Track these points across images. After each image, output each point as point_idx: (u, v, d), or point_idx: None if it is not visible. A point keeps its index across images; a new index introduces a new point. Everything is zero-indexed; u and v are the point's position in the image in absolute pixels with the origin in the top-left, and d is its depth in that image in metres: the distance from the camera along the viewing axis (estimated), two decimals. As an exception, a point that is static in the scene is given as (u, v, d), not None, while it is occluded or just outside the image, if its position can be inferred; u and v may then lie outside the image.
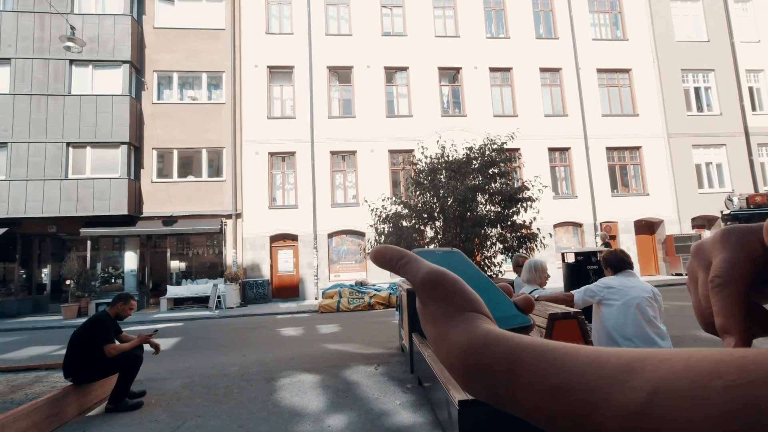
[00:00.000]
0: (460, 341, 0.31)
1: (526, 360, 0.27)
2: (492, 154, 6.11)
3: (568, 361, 0.25)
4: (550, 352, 0.26)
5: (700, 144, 17.22)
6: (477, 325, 0.32)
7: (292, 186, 15.49)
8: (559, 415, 0.24)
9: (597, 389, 0.22)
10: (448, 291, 0.34)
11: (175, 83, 15.39)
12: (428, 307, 0.35)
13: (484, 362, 0.29)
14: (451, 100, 16.79)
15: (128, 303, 4.52)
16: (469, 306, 0.34)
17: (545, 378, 0.25)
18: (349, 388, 4.73)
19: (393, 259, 0.37)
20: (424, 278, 0.35)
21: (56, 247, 14.89)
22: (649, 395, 0.20)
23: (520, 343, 0.28)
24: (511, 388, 0.27)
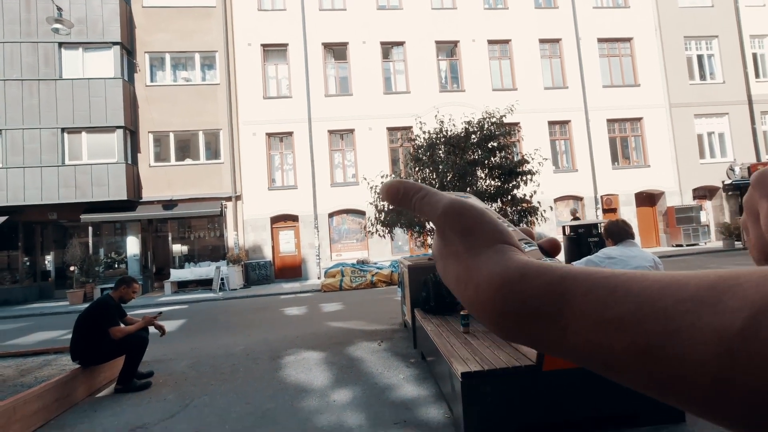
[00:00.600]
0: (491, 276, 0.26)
1: (579, 289, 0.23)
2: (491, 127, 6.03)
3: (635, 287, 0.21)
4: (611, 278, 0.22)
5: (702, 113, 16.99)
6: (511, 256, 0.27)
7: (291, 166, 15.40)
8: (624, 350, 0.20)
9: (677, 315, 0.19)
10: (474, 222, 0.30)
11: (168, 64, 15.11)
12: (450, 243, 0.30)
13: (523, 296, 0.25)
14: (449, 75, 16.50)
15: (131, 286, 4.54)
16: (499, 237, 0.29)
17: (606, 307, 0.21)
18: (353, 364, 4.80)
19: (408, 193, 0.33)
20: (446, 209, 0.30)
21: (58, 233, 14.92)
22: (754, 314, 0.17)
23: (570, 271, 0.24)
24: (559, 324, 0.23)
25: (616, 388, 2.90)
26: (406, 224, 6.08)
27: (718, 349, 0.17)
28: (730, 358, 0.17)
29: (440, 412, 3.39)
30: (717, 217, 16.94)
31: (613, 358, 0.21)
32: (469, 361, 3.00)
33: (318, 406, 3.69)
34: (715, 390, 0.17)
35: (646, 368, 0.20)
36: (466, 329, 3.78)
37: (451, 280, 0.30)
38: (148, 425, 3.54)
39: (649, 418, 2.92)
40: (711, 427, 2.87)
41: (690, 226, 15.73)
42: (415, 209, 0.33)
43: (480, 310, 0.27)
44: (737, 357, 0.17)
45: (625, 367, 0.21)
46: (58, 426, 3.69)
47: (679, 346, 0.18)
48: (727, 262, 11.69)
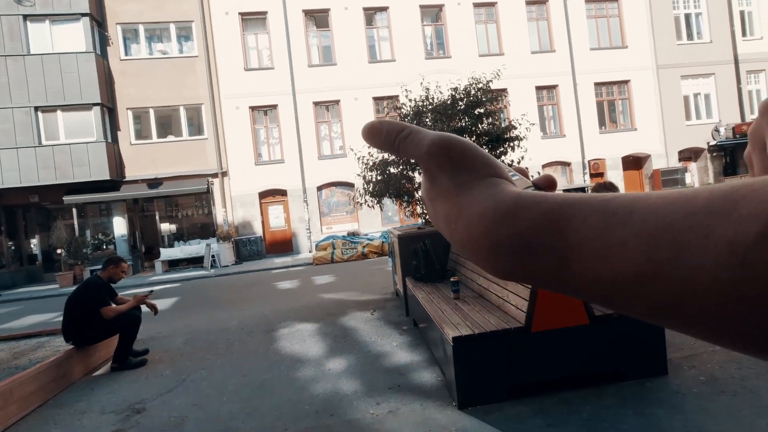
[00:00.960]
0: (482, 210, 0.25)
1: (578, 215, 0.21)
2: (478, 94, 5.94)
3: (639, 206, 0.19)
4: (612, 201, 0.20)
5: (689, 74, 16.94)
6: (502, 189, 0.25)
7: (277, 140, 15.13)
8: (627, 275, 0.18)
9: (685, 229, 0.17)
10: (461, 157, 0.28)
11: (142, 36, 14.47)
12: (438, 180, 0.28)
13: (518, 228, 0.23)
14: (435, 41, 16.10)
15: (119, 266, 4.50)
16: (490, 171, 0.27)
17: (607, 230, 0.19)
18: (347, 334, 4.89)
19: (391, 133, 0.30)
20: (431, 146, 0.28)
21: (41, 216, 14.63)
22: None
23: (567, 198, 0.22)
24: (557, 254, 0.21)
25: (600, 346, 3.00)
26: (395, 194, 6.07)
27: (731, 261, 0.16)
28: (745, 269, 0.15)
29: (433, 376, 3.49)
30: (701, 178, 17.20)
31: (616, 285, 0.19)
32: (459, 326, 3.06)
33: (314, 376, 3.77)
34: (727, 308, 0.16)
35: (652, 291, 0.18)
36: (456, 295, 3.85)
37: (441, 221, 0.28)
38: (146, 401, 3.59)
39: (633, 373, 3.04)
40: (694, 377, 3.00)
41: (675, 188, 15.88)
42: (398, 150, 0.31)
43: (472, 249, 0.25)
44: (752, 268, 0.15)
45: (630, 294, 0.19)
46: (57, 405, 3.73)
47: (688, 263, 0.17)
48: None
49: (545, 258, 0.22)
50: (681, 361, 3.30)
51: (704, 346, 3.54)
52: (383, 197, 6.21)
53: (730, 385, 2.86)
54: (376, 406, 3.06)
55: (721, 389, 2.82)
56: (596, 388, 2.96)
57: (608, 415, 2.63)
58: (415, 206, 6.29)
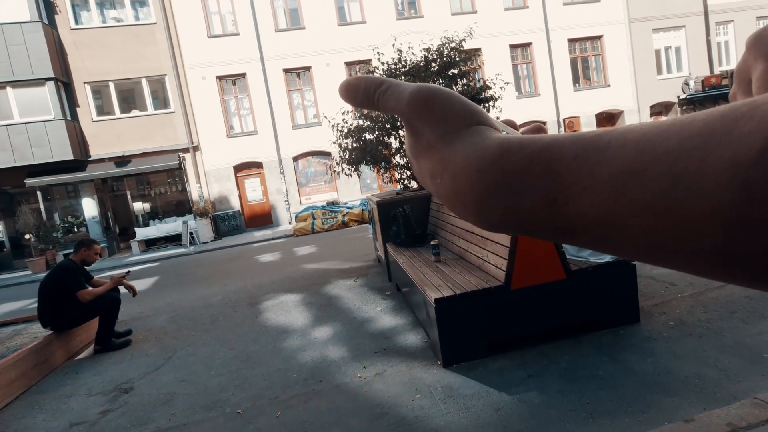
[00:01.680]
0: (467, 158, 0.23)
1: (568, 154, 0.19)
2: (451, 54, 5.81)
3: (632, 137, 0.18)
4: (603, 135, 0.19)
5: (660, 27, 16.96)
6: (488, 135, 0.24)
7: (248, 111, 14.62)
8: (622, 212, 0.17)
9: (682, 155, 0.16)
10: (444, 106, 0.26)
11: (93, 3, 13.45)
12: (421, 133, 0.26)
13: (505, 174, 0.21)
14: (406, 1, 15.54)
15: (92, 248, 4.37)
16: (473, 119, 0.25)
17: (599, 166, 0.18)
18: (332, 302, 4.93)
19: (369, 88, 0.28)
20: (411, 97, 0.26)
21: (4, 202, 13.94)
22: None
23: (554, 138, 0.21)
24: (547, 197, 0.20)
25: (576, 299, 3.12)
26: (372, 161, 6.00)
27: (732, 183, 0.14)
28: (747, 190, 0.14)
29: (418, 337, 3.57)
30: (671, 132, 17.55)
31: (609, 225, 0.18)
32: (441, 288, 3.12)
33: (300, 345, 3.82)
34: (729, 236, 0.15)
35: (650, 226, 0.17)
36: (437, 258, 3.90)
37: (426, 176, 0.26)
38: (134, 380, 3.58)
39: (608, 323, 3.18)
40: (664, 323, 3.17)
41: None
42: (378, 106, 0.28)
43: (459, 202, 0.24)
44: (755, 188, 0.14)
45: (625, 232, 0.18)
46: (41, 390, 3.69)
47: (686, 191, 0.15)
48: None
49: (536, 202, 0.21)
50: (652, 308, 3.46)
51: (673, 293, 3.72)
52: (360, 164, 6.13)
53: (696, 328, 3.03)
54: (363, 370, 3.13)
55: (689, 332, 2.99)
56: (574, 339, 3.09)
57: (585, 363, 2.76)
58: (393, 172, 6.24)
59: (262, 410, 2.78)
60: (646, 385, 2.43)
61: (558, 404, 2.38)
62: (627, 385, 2.46)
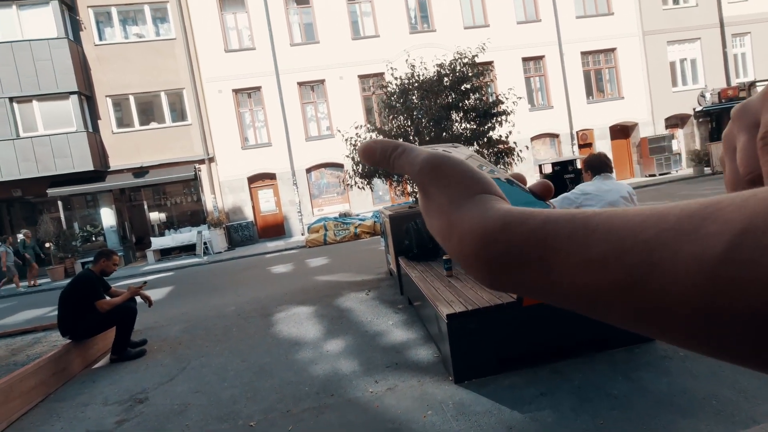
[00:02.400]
0: (473, 227, 0.26)
1: (562, 232, 0.22)
2: (464, 69, 5.87)
3: (617, 223, 0.20)
4: (592, 217, 0.22)
5: (675, 40, 16.87)
6: (491, 206, 0.27)
7: (263, 123, 14.89)
8: (607, 288, 0.20)
9: (659, 245, 0.18)
10: (452, 174, 0.30)
11: (116, 20, 13.94)
12: (432, 197, 0.30)
13: (506, 245, 0.24)
14: (419, 15, 15.76)
15: (111, 258, 4.48)
16: (479, 188, 0.29)
17: (588, 245, 0.21)
18: (343, 315, 4.95)
19: (386, 151, 0.32)
20: (423, 164, 0.30)
21: (27, 211, 14.37)
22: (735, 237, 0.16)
23: (551, 215, 0.24)
24: (543, 269, 0.23)
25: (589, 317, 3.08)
26: (384, 174, 6.05)
27: (699, 277, 0.17)
28: (712, 284, 0.16)
29: (429, 352, 3.57)
30: (688, 144, 17.36)
31: (596, 297, 0.21)
32: (453, 303, 3.12)
33: (312, 357, 3.84)
34: (697, 319, 0.17)
35: (630, 304, 0.19)
36: (449, 273, 3.90)
37: (437, 235, 0.30)
38: (148, 390, 3.64)
39: (622, 340, 3.14)
40: (677, 342, 3.11)
41: (662, 155, 16.12)
42: (393, 168, 0.32)
43: (465, 263, 0.27)
44: (718, 283, 0.16)
45: (610, 305, 0.20)
46: (59, 399, 3.76)
47: (661, 278, 0.18)
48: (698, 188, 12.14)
49: (533, 273, 0.23)
50: (667, 326, 3.40)
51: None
52: (373, 178, 6.19)
53: (713, 347, 2.97)
54: (375, 384, 3.14)
55: (706, 351, 2.93)
56: (587, 356, 3.06)
57: (599, 381, 2.73)
58: (405, 185, 6.29)
59: (274, 423, 2.80)
60: (662, 405, 2.39)
61: (571, 423, 2.35)
62: (641, 405, 2.42)
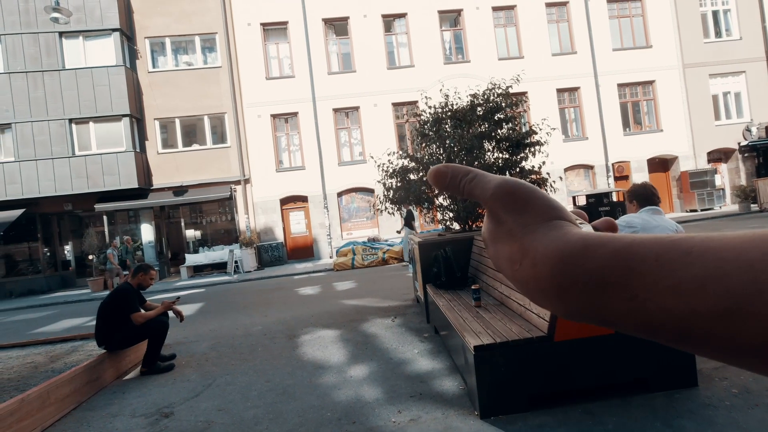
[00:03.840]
0: (549, 249, 0.25)
1: (649, 255, 0.21)
2: (497, 99, 5.92)
3: (712, 245, 0.19)
4: (684, 240, 0.20)
5: (718, 73, 16.41)
6: (569, 230, 0.26)
7: (298, 147, 15.36)
8: (704, 314, 0.18)
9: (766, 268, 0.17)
10: (527, 200, 0.29)
11: (169, 49, 14.98)
12: (503, 222, 0.29)
13: (587, 267, 0.23)
14: (454, 46, 16.09)
15: (148, 273, 4.66)
16: (554, 213, 0.28)
17: (681, 268, 0.19)
18: (368, 341, 4.91)
19: (457, 176, 0.32)
20: (497, 189, 0.30)
21: (74, 223, 15.24)
22: None
23: (635, 239, 0.22)
24: (628, 293, 0.21)
25: (626, 355, 2.94)
26: (415, 201, 6.09)
27: None
28: None
29: (454, 384, 3.47)
30: (733, 179, 16.59)
31: (691, 325, 0.19)
32: (481, 335, 3.05)
33: (336, 382, 3.81)
34: None
35: (732, 330, 0.18)
36: (477, 303, 3.83)
37: (504, 261, 0.29)
38: (174, 405, 3.70)
39: (661, 384, 2.96)
40: (725, 389, 2.91)
41: (704, 190, 15.45)
42: (464, 192, 0.32)
43: (537, 288, 0.26)
44: None
45: (707, 333, 0.19)
46: (90, 408, 3.88)
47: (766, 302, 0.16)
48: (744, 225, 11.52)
49: (617, 297, 0.22)
50: (712, 372, 3.20)
51: (737, 356, 3.41)
52: (403, 204, 6.23)
53: (764, 398, 2.76)
54: (398, 414, 3.07)
55: (756, 402, 2.73)
56: (622, 399, 2.89)
57: (635, 427, 2.57)
58: (435, 212, 6.29)
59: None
60: (706, 459, 2.22)
61: (605, 471, 2.22)
62: (683, 457, 2.26)
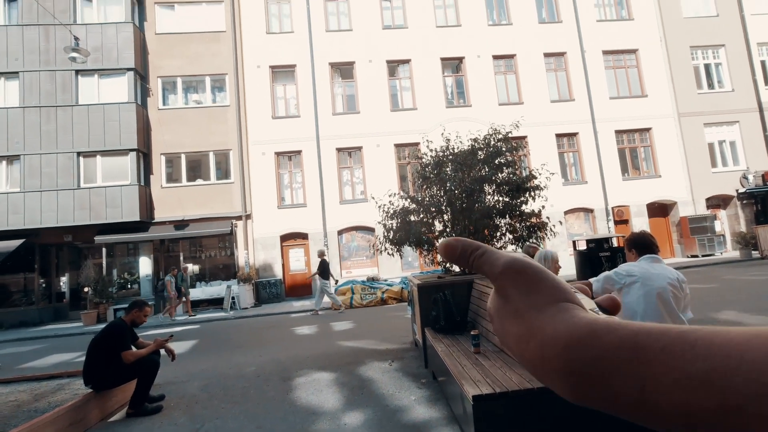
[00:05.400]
0: (557, 334, 0.26)
1: (656, 345, 0.21)
2: (497, 144, 6.06)
3: (717, 340, 0.19)
4: (689, 333, 0.21)
5: (712, 122, 16.85)
6: (576, 314, 0.27)
7: (300, 185, 15.54)
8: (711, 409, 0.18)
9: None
10: (535, 280, 0.29)
11: (180, 88, 15.50)
12: (510, 300, 0.30)
13: (594, 353, 0.23)
14: (455, 91, 16.64)
15: (143, 310, 4.59)
16: (561, 295, 0.29)
17: (688, 362, 0.20)
18: (365, 385, 4.76)
19: (467, 251, 0.33)
20: (506, 267, 0.30)
21: (73, 255, 15.17)
22: None
23: (642, 327, 0.23)
24: (634, 382, 0.21)
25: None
26: (415, 243, 6.08)
27: None
28: None
29: (453, 435, 3.33)
30: (733, 226, 16.63)
31: (697, 420, 0.19)
32: (480, 383, 2.96)
33: (330, 430, 3.66)
34: None
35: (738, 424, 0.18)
36: (476, 349, 3.74)
37: (511, 339, 0.30)
38: (160, 451, 3.53)
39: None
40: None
41: (704, 236, 15.45)
42: (473, 266, 0.33)
43: (544, 370, 0.26)
44: None
45: (715, 425, 0.19)
46: (72, 452, 3.70)
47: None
48: (745, 272, 11.42)
49: (623, 385, 0.22)
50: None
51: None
52: (403, 245, 6.23)
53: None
54: (393, 468, 2.92)
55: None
56: (628, 457, 2.76)
57: (643, 490, 2.44)
58: (435, 254, 6.27)
59: (284, 502, 2.63)
60: None
61: None
62: None
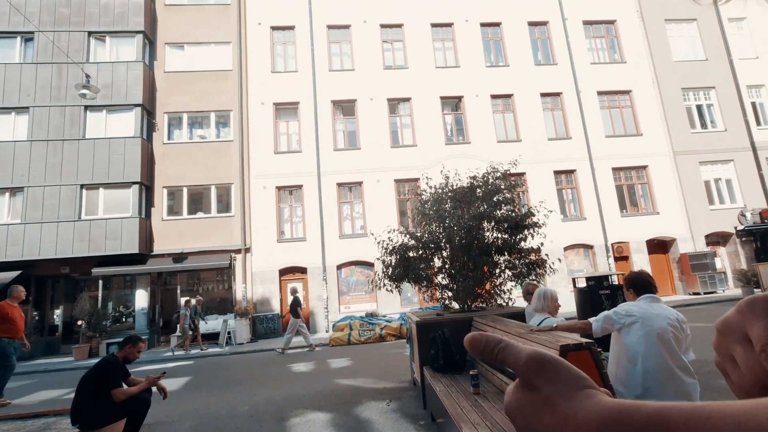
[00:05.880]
0: (589, 416, 0.29)
1: (678, 419, 0.25)
2: (496, 182, 6.15)
3: (729, 411, 0.23)
4: (704, 407, 0.24)
5: (707, 160, 17.12)
6: (601, 398, 0.30)
7: (300, 219, 15.61)
8: None
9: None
10: (558, 370, 0.33)
11: (185, 123, 15.86)
12: (538, 389, 0.33)
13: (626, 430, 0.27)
14: (455, 128, 17.03)
15: (137, 346, 4.50)
16: (583, 383, 0.32)
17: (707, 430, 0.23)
18: (361, 427, 4.61)
19: (490, 345, 0.37)
20: (529, 359, 0.34)
21: (69, 287, 15.02)
22: None
23: (662, 405, 0.26)
24: None
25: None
26: (414, 279, 6.05)
27: None
28: None
29: (452, 482, 3.20)
30: (733, 263, 16.56)
31: None
32: (479, 426, 2.87)
33: (323, 476, 3.51)
34: None
35: None
36: (476, 390, 3.65)
37: (542, 427, 0.32)
38: (146, 497, 3.38)
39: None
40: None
41: (705, 273, 15.36)
42: (496, 359, 0.37)
43: None
44: None
45: None
46: (53, 497, 3.54)
47: None
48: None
49: None
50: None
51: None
52: (402, 281, 6.19)
53: None
54: None
55: None
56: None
57: None
58: (434, 290, 6.22)
59: None
60: None
61: None
62: None
